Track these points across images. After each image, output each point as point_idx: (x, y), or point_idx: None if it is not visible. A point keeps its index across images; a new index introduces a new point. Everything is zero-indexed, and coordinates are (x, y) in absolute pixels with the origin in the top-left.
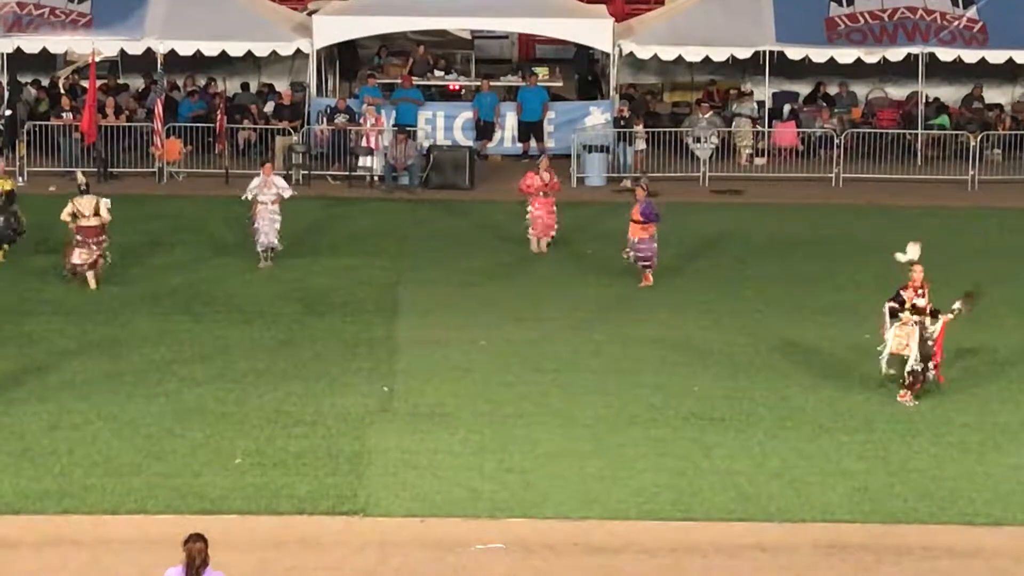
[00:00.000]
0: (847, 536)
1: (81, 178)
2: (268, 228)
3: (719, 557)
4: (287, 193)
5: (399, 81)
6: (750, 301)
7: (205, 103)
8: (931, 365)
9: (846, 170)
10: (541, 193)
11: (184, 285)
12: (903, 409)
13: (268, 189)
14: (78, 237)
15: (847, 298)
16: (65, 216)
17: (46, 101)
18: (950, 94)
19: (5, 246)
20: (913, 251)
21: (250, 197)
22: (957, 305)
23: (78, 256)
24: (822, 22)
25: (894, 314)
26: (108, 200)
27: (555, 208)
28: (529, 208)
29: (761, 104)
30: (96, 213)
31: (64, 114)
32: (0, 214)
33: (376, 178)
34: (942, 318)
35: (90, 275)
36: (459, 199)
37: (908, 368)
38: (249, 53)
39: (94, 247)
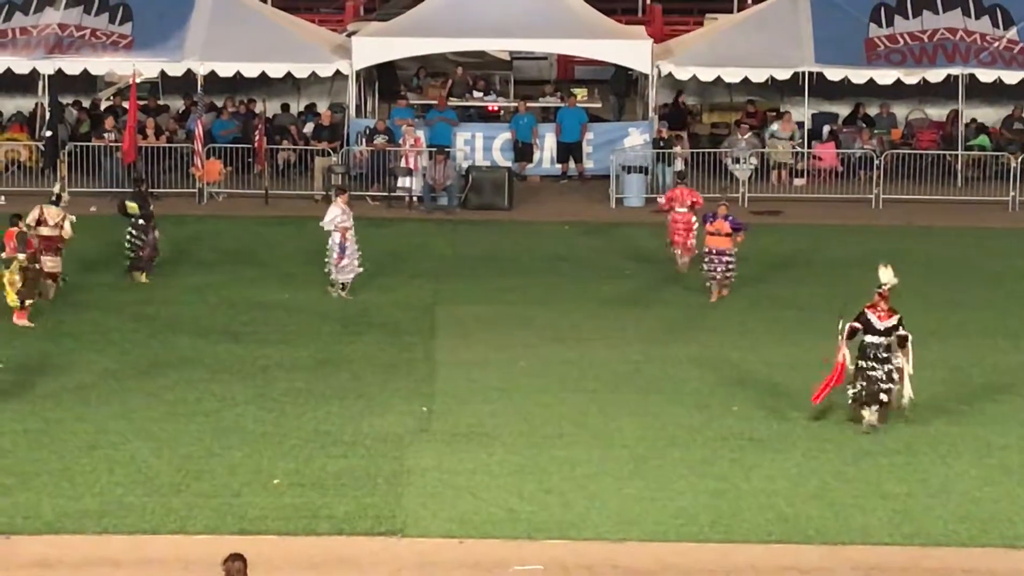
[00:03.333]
0: (887, 559)
1: (57, 189)
2: (354, 261)
3: None
4: None
5: (435, 102)
6: (789, 322)
7: (236, 123)
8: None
9: (886, 191)
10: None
11: (223, 305)
12: (944, 431)
13: (349, 216)
14: (38, 244)
15: None
16: (30, 220)
17: (87, 122)
18: (990, 115)
19: (141, 276)
20: (885, 275)
21: (332, 228)
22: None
23: (46, 264)
24: (862, 43)
25: (852, 334)
26: (74, 218)
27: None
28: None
29: (800, 125)
30: (58, 226)
31: (106, 134)
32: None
33: (415, 199)
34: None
35: (52, 286)
36: (498, 220)
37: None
38: (289, 74)
39: (58, 257)
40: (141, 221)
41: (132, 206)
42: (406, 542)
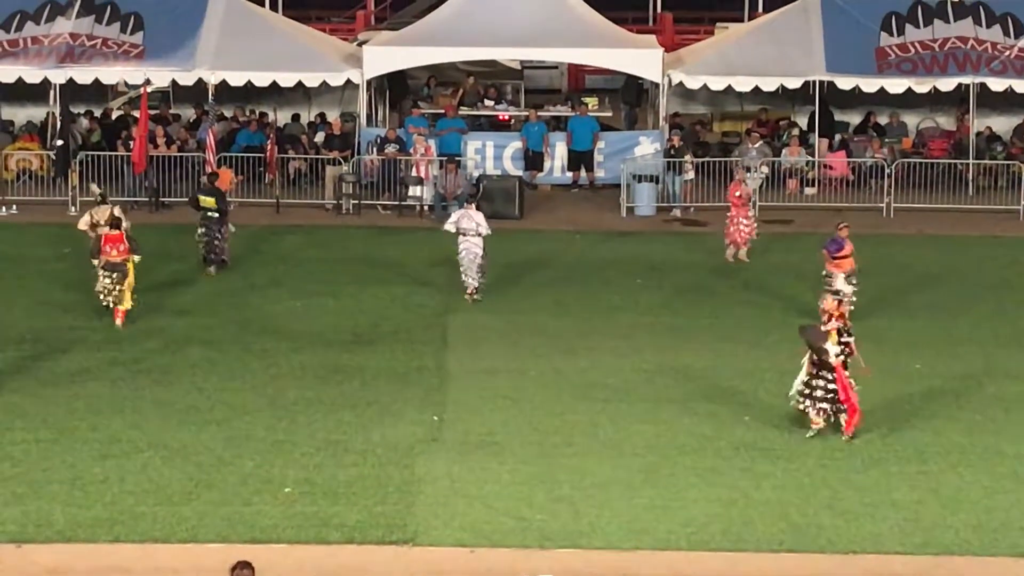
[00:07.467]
0: (898, 568)
1: (96, 190)
2: None
3: None
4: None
5: (444, 111)
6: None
7: (264, 134)
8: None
9: (897, 200)
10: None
11: (235, 314)
12: (955, 440)
13: None
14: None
15: (898, 327)
16: (83, 226)
17: (98, 132)
18: (1001, 124)
19: (211, 269)
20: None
21: (488, 233)
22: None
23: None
24: (873, 52)
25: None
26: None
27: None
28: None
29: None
30: (112, 224)
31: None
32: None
33: (426, 208)
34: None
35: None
36: (508, 228)
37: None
38: (300, 83)
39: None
40: (215, 215)
41: (208, 200)
42: (417, 551)
